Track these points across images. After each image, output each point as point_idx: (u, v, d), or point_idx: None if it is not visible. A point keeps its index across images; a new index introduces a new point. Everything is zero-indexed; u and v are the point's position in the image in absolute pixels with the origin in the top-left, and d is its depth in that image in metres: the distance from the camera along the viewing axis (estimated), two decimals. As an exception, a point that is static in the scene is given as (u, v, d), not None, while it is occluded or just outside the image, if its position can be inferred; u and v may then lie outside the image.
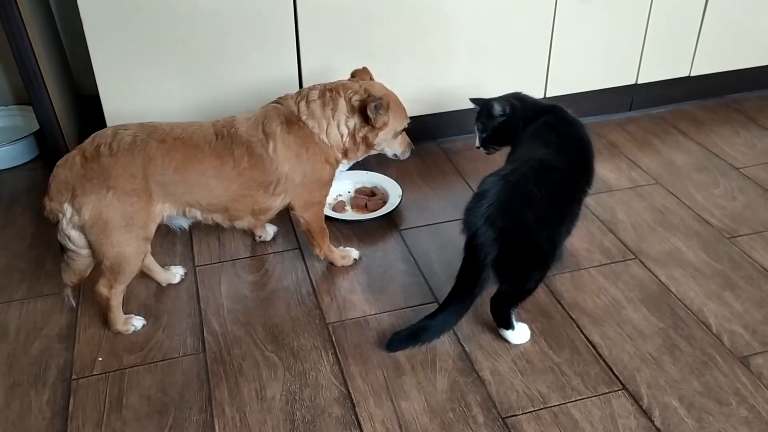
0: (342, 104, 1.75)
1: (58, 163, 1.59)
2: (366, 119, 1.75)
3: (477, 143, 1.91)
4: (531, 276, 1.61)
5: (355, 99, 1.76)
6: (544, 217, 1.55)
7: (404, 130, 1.90)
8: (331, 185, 1.86)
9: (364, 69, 1.89)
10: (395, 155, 1.93)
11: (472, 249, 1.52)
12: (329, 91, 1.76)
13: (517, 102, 1.83)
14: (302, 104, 1.74)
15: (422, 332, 1.62)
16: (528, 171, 1.58)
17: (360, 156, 1.86)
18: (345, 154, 1.81)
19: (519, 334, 1.67)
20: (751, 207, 2.17)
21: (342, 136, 1.77)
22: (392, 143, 1.88)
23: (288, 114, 1.73)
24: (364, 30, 2.22)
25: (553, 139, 1.69)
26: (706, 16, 2.55)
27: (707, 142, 2.55)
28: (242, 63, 2.18)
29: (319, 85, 1.79)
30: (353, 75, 1.88)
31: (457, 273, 1.57)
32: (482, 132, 1.87)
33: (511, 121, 1.81)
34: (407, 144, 1.93)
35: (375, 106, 1.73)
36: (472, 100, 1.90)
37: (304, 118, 1.74)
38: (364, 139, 1.79)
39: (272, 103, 1.79)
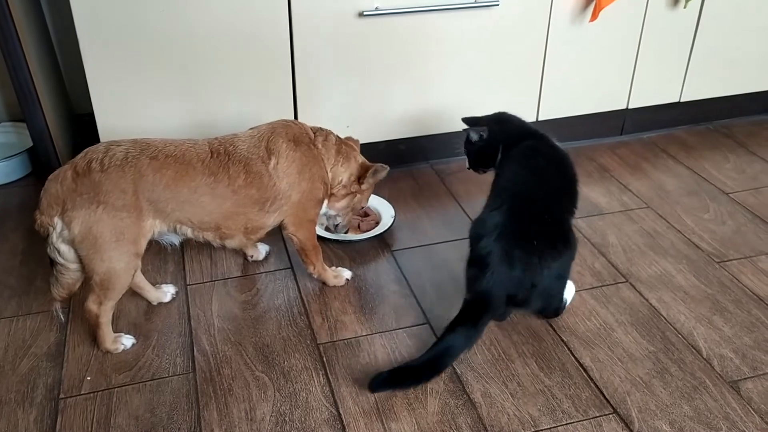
0: (353, 156, 1.90)
1: (50, 177, 1.59)
2: (359, 179, 1.90)
3: (467, 165, 1.95)
4: (551, 303, 1.76)
5: (360, 159, 1.92)
6: (543, 263, 1.61)
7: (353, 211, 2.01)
8: (323, 203, 1.89)
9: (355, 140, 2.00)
10: (335, 225, 2.04)
11: (482, 308, 1.60)
12: (344, 143, 1.89)
13: (496, 126, 1.86)
14: (319, 135, 1.84)
15: (408, 377, 1.58)
16: (521, 227, 1.62)
17: (337, 207, 1.94)
18: (329, 195, 1.90)
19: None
20: (740, 232, 2.18)
21: (340, 178, 1.87)
22: (347, 212, 1.98)
23: (299, 134, 1.79)
24: (359, 52, 2.24)
25: (538, 165, 1.75)
26: (696, 42, 2.59)
27: (697, 166, 2.58)
28: (237, 84, 2.19)
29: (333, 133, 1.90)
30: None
31: (455, 318, 1.59)
32: (467, 155, 1.92)
33: (488, 147, 1.84)
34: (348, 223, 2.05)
35: (375, 171, 1.88)
36: (464, 119, 1.92)
37: (318, 142, 1.82)
38: (349, 193, 1.91)
39: (282, 120, 1.83)
